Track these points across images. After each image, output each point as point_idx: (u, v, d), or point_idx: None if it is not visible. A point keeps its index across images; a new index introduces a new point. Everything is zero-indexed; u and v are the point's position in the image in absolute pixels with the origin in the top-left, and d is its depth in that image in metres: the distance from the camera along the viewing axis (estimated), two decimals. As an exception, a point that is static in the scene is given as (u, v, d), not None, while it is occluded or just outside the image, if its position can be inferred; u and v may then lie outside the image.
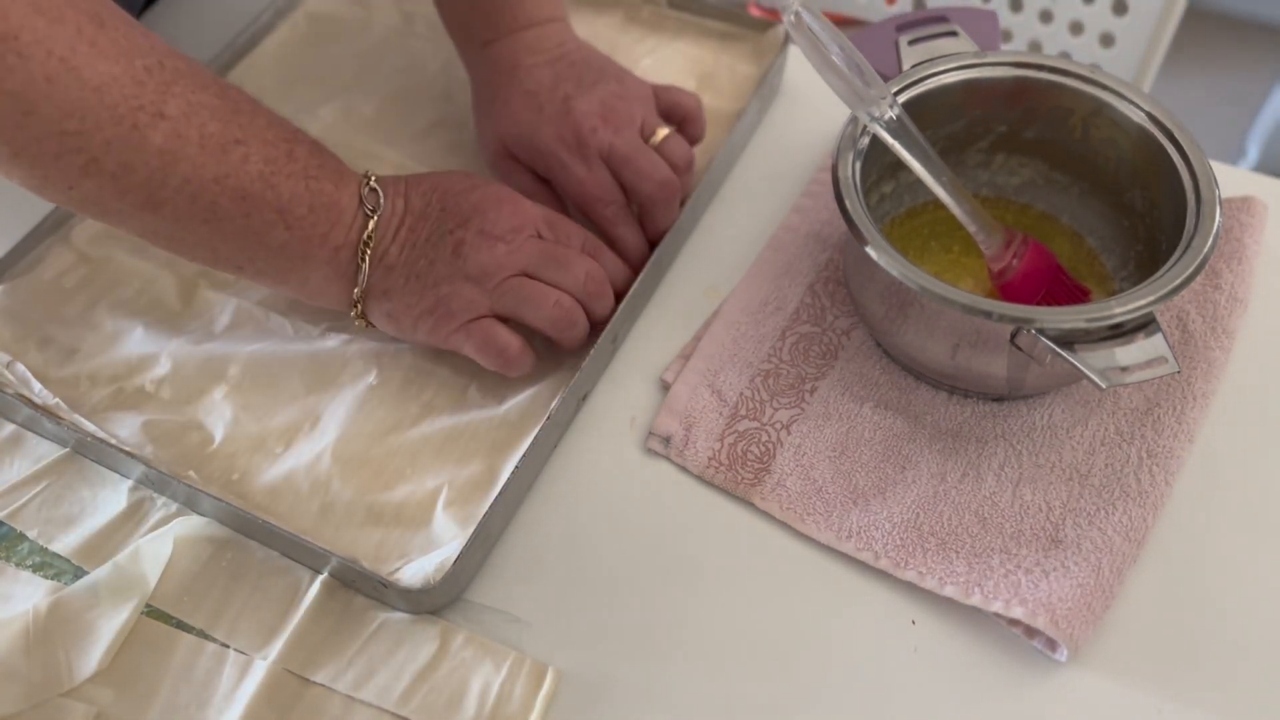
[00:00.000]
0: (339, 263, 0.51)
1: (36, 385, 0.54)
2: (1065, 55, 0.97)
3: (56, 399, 0.53)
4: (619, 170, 0.57)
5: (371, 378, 0.55)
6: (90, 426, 0.52)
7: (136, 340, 0.57)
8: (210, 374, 0.55)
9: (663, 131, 0.59)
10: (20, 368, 0.55)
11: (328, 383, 0.55)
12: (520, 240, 0.52)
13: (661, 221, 0.58)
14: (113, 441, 0.52)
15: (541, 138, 0.57)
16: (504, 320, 0.53)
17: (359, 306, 0.52)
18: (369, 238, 0.50)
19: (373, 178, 0.52)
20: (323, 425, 0.54)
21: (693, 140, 0.61)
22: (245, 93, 0.49)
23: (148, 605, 0.48)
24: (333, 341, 0.57)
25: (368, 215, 0.51)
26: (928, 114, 0.53)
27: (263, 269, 0.50)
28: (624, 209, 0.58)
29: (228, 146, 0.46)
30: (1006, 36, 0.98)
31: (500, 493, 0.49)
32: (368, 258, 0.51)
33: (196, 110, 0.45)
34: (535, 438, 0.50)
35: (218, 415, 0.54)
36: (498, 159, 0.60)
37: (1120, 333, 0.45)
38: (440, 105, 0.68)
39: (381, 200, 0.51)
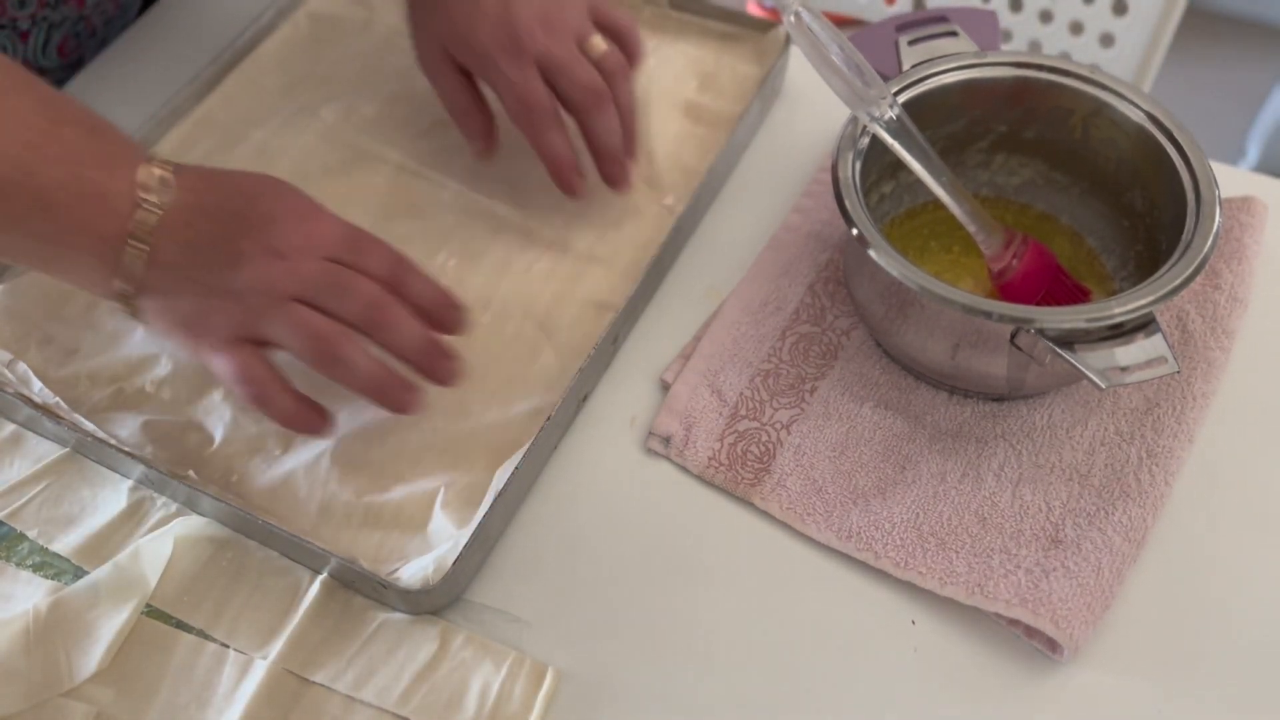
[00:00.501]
0: (105, 253, 0.46)
1: (37, 385, 0.54)
2: (1065, 55, 0.97)
3: (57, 399, 0.53)
4: (553, 77, 0.56)
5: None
6: (90, 426, 0.52)
7: (137, 341, 0.57)
8: (210, 375, 0.55)
9: (599, 43, 0.58)
10: (21, 367, 0.55)
11: (327, 385, 0.55)
12: (303, 260, 0.47)
13: (600, 133, 0.57)
14: (113, 441, 0.52)
15: (478, 38, 0.56)
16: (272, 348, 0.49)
17: (129, 301, 0.48)
18: (138, 231, 0.46)
19: (169, 167, 0.47)
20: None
21: (629, 58, 0.60)
22: (20, 69, 0.45)
23: (148, 605, 0.48)
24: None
25: (142, 206, 0.46)
26: (928, 114, 0.53)
27: (24, 256, 0.48)
28: (553, 116, 0.57)
29: None
30: (1006, 36, 0.98)
31: (500, 493, 0.49)
32: (134, 251, 0.46)
33: None
34: (535, 438, 0.50)
35: (217, 416, 0.54)
36: (433, 61, 0.59)
37: (1120, 333, 0.45)
38: (441, 105, 0.68)
39: (169, 192, 0.46)
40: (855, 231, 0.48)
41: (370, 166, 0.65)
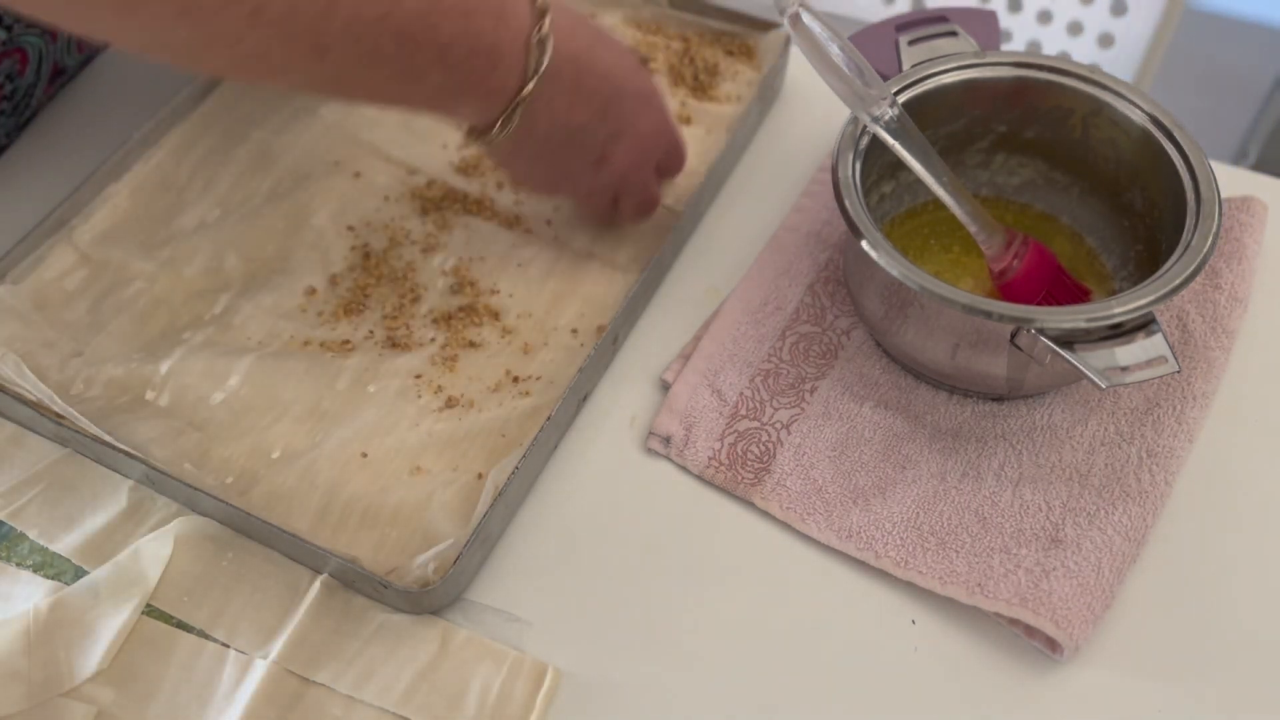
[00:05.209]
0: (489, 106, 0.50)
1: (38, 385, 0.54)
2: (1065, 55, 0.97)
3: (57, 399, 0.53)
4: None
5: (371, 382, 0.55)
6: (91, 427, 0.52)
7: (137, 341, 0.57)
8: (211, 375, 0.55)
9: None
10: (21, 367, 0.55)
11: (327, 385, 0.55)
12: (642, 172, 0.57)
13: None
14: (113, 441, 0.52)
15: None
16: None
17: (490, 140, 0.51)
18: (525, 97, 0.49)
19: (546, 21, 0.49)
20: (323, 427, 0.54)
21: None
22: None
23: (148, 605, 0.48)
24: (333, 345, 0.57)
25: (529, 72, 0.49)
26: (928, 114, 0.54)
27: (418, 105, 0.49)
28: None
29: None
30: (1006, 36, 0.98)
31: (500, 493, 0.49)
32: (517, 114, 0.49)
33: None
34: (535, 438, 0.50)
35: (218, 416, 0.54)
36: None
37: (1120, 332, 0.45)
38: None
39: (546, 59, 0.49)
40: (855, 232, 0.48)
41: (370, 166, 0.65)
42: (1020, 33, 0.98)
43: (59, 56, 0.67)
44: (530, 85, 0.49)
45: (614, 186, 0.56)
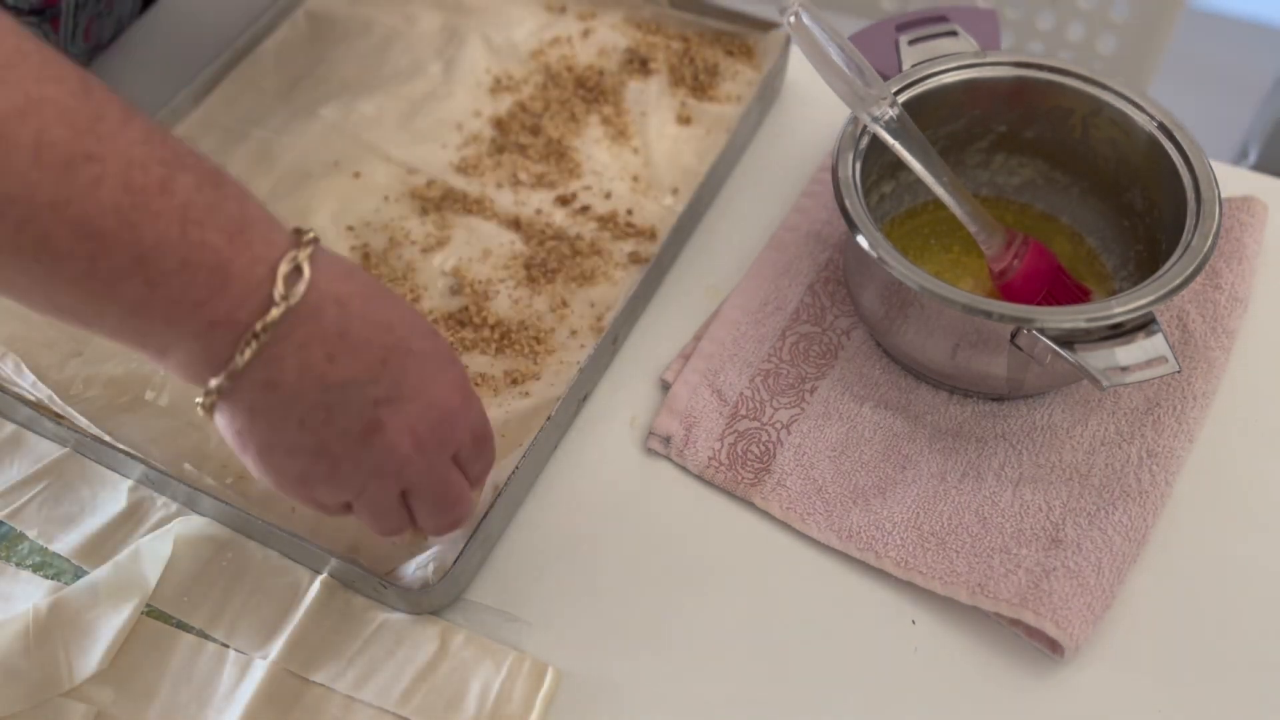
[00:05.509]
0: (212, 343, 0.37)
1: (38, 385, 0.54)
2: (1065, 55, 0.97)
3: (57, 399, 0.53)
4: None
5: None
6: (90, 426, 0.52)
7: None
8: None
9: None
10: (22, 367, 0.55)
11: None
12: (434, 456, 0.42)
13: None
14: (113, 442, 0.52)
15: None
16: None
17: (212, 400, 0.38)
18: (270, 326, 0.37)
19: (308, 251, 0.38)
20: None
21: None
22: (119, 97, 0.36)
23: (148, 605, 0.48)
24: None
25: (273, 300, 0.37)
26: (928, 114, 0.54)
27: (114, 329, 0.37)
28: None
29: (74, 162, 0.34)
30: (1006, 36, 0.98)
31: (500, 493, 0.49)
32: (249, 351, 0.37)
33: (38, 107, 0.33)
34: (535, 438, 0.50)
35: (218, 415, 0.54)
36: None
37: (1120, 332, 0.45)
38: (442, 104, 0.68)
39: (302, 288, 0.37)
40: (855, 231, 0.48)
41: (370, 166, 0.65)
42: (1021, 33, 0.98)
43: (63, 43, 0.67)
44: (275, 312, 0.37)
45: (394, 475, 0.41)
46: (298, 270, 0.38)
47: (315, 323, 0.38)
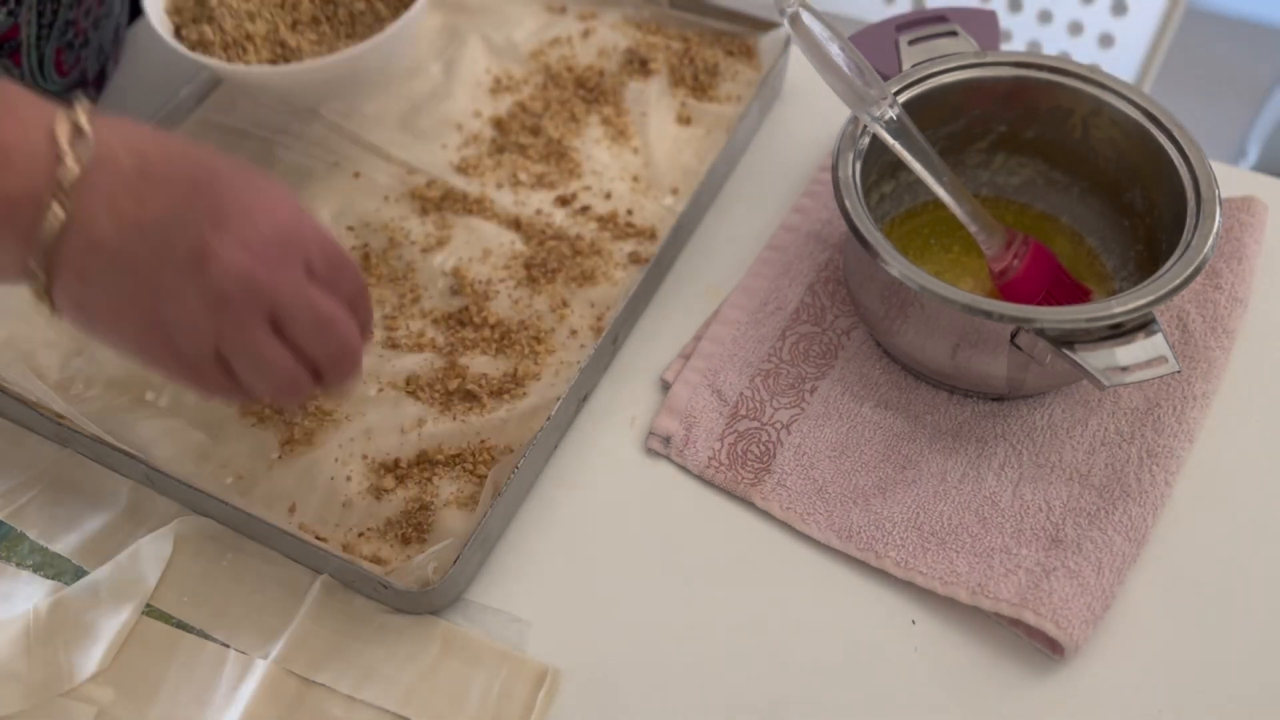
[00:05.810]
0: (17, 222, 0.37)
1: (38, 385, 0.54)
2: (1065, 55, 0.97)
3: (57, 399, 0.53)
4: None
5: (371, 383, 0.55)
6: (91, 426, 0.52)
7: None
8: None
9: None
10: (22, 367, 0.55)
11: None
12: (283, 270, 0.39)
13: None
14: (113, 441, 0.52)
15: None
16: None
17: (42, 282, 0.38)
18: (68, 185, 0.36)
19: (84, 111, 0.38)
20: (323, 428, 0.54)
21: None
22: None
23: (148, 605, 0.48)
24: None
25: (64, 161, 0.37)
26: (928, 114, 0.53)
27: None
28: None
29: None
30: (1006, 36, 0.98)
31: (500, 493, 0.49)
32: (53, 217, 0.37)
33: None
34: (535, 438, 0.50)
35: (217, 417, 0.54)
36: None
37: (1120, 332, 0.45)
38: (443, 104, 0.68)
39: (89, 146, 0.37)
40: (855, 231, 0.48)
41: (370, 166, 0.65)
42: (1021, 32, 0.98)
43: (29, 76, 0.65)
44: (69, 167, 0.37)
45: (245, 299, 0.38)
46: (79, 131, 0.37)
47: (114, 172, 0.38)
